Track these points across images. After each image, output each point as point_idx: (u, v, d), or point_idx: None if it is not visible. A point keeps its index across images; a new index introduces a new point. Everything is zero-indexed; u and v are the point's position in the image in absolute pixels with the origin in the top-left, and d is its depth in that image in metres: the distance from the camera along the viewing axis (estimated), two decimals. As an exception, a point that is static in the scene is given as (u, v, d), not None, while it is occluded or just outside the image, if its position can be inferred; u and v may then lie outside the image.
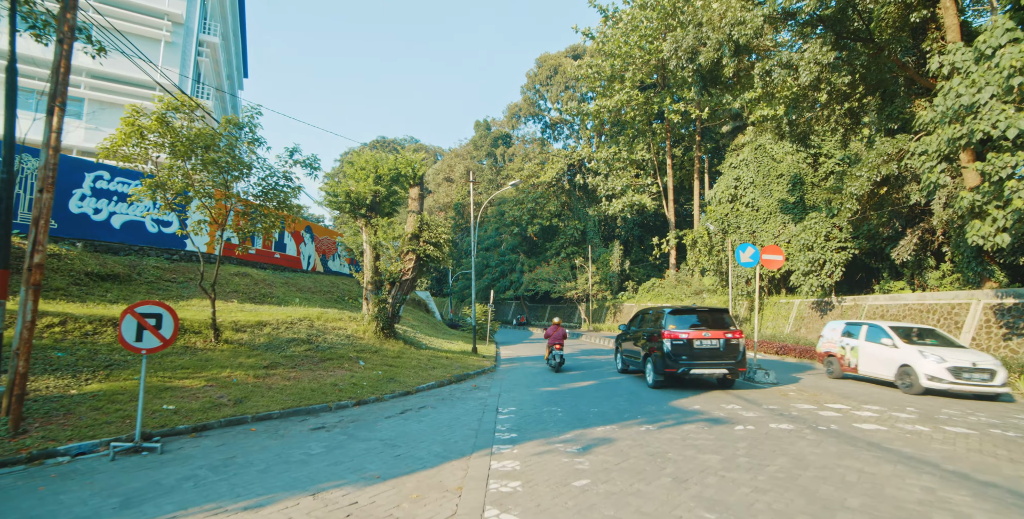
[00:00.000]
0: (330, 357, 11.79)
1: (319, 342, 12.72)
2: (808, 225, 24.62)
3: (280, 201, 11.29)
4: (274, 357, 10.89)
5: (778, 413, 8.40)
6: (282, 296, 17.47)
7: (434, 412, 8.67)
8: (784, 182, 29.57)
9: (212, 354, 10.23)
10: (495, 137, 60.81)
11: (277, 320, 13.30)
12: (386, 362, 12.56)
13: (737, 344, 10.93)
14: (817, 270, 23.30)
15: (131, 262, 14.72)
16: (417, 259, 15.22)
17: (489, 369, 14.66)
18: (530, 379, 13.04)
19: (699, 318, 11.47)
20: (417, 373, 12.10)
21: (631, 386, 11.63)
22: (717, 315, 11.53)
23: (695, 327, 11.14)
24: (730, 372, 10.82)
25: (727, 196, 32.90)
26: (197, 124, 10.17)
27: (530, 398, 10.08)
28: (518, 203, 49.29)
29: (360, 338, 14.14)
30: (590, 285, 41.35)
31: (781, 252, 12.66)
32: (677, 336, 10.93)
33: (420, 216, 15.39)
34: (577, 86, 50.46)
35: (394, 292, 15.10)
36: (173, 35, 26.70)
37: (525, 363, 17.22)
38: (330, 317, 14.82)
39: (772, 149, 31.02)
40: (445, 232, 15.36)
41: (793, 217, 28.50)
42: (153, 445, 5.67)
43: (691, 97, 38.17)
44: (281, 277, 19.63)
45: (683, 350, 10.81)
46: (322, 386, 9.63)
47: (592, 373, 14.12)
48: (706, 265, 32.20)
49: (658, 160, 44.66)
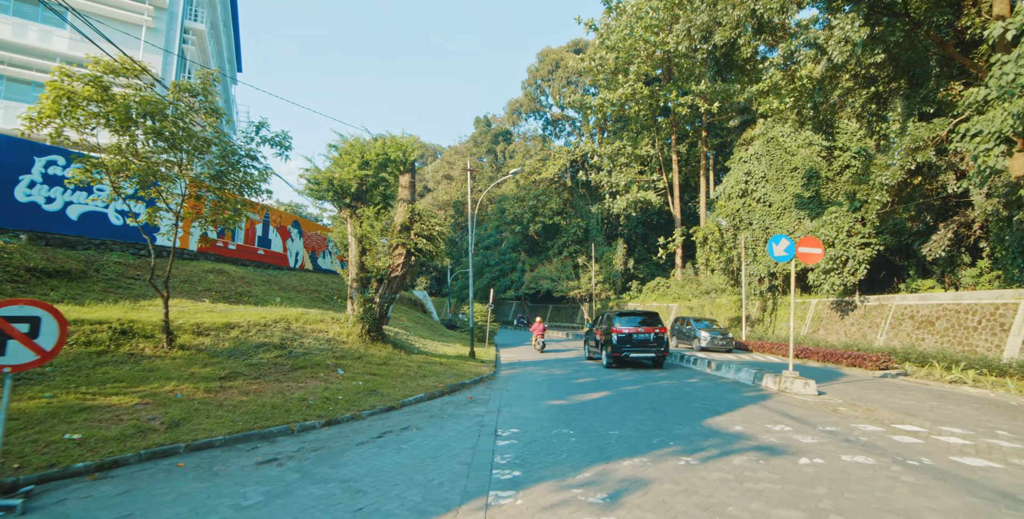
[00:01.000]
0: (304, 365, 10.17)
1: (294, 347, 11.11)
2: (828, 220, 22.99)
3: (245, 184, 9.67)
4: (236, 365, 9.27)
5: (842, 438, 6.78)
6: (261, 295, 15.86)
7: (419, 435, 7.05)
8: (799, 176, 27.93)
9: (160, 363, 8.62)
10: (495, 133, 59.16)
11: (248, 322, 11.69)
12: (369, 370, 10.94)
13: (662, 337, 15.24)
14: (838, 268, 21.68)
15: (89, 257, 13.11)
16: (408, 253, 13.62)
17: (488, 377, 13.05)
18: (534, 389, 11.42)
19: (638, 318, 15.47)
20: (404, 383, 10.48)
21: (652, 398, 10.01)
22: (651, 316, 15.63)
23: (635, 325, 15.27)
24: (657, 355, 15.33)
25: (737, 191, 31.28)
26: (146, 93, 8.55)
27: (535, 415, 8.47)
28: (519, 200, 47.68)
29: (342, 342, 12.53)
30: (593, 284, 39.73)
31: (820, 244, 11.02)
32: (622, 331, 15.05)
33: (411, 206, 13.78)
34: (580, 80, 48.90)
35: (382, 290, 13.48)
36: (156, 20, 25.13)
37: (528, 369, 15.60)
38: (310, 318, 13.21)
39: (785, 142, 29.37)
40: (439, 224, 13.74)
41: (809, 212, 26.86)
42: (12, 501, 4.02)
43: (699, 90, 36.54)
44: (263, 275, 18.03)
45: (626, 341, 14.99)
46: (287, 401, 8.01)
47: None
48: (715, 263, 30.56)
49: (663, 156, 43.03)
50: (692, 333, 22.26)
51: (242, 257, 18.72)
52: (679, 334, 24.10)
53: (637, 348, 14.92)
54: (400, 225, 13.72)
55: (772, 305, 28.21)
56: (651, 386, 11.73)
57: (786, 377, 10.79)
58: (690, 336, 22.46)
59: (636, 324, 15.23)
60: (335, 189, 13.53)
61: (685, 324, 23.88)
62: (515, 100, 57.63)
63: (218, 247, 17.47)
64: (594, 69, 39.25)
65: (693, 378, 13.33)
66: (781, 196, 28.43)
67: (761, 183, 30.18)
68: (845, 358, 17.57)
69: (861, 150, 27.69)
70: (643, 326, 15.20)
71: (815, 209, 26.89)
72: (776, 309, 28.00)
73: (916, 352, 16.64)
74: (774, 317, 27.95)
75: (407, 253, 13.63)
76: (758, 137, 32.25)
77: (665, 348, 15.18)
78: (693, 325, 22.69)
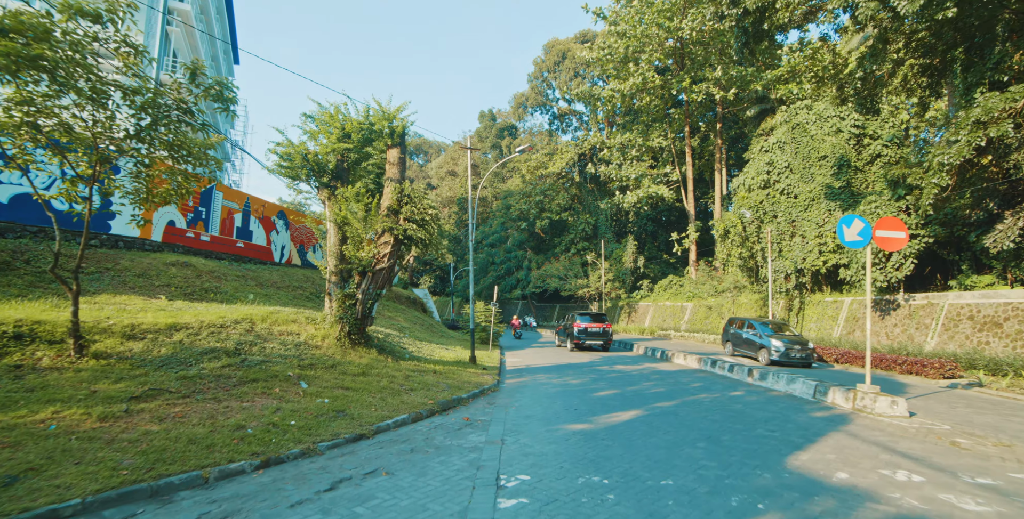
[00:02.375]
0: (257, 377, 7.98)
1: (251, 354, 8.92)
2: (867, 209, 20.60)
3: (183, 150, 7.46)
4: (163, 379, 7.09)
5: (1007, 496, 4.50)
6: (232, 292, 13.70)
7: (387, 487, 4.83)
8: (828, 164, 25.54)
9: (55, 377, 6.45)
10: (500, 128, 56.88)
11: (201, 323, 9.52)
12: (342, 382, 8.73)
13: (608, 331, 21.44)
14: (881, 263, 19.29)
15: (20, 246, 10.99)
16: (396, 241, 11.40)
17: (490, 388, 10.82)
18: (547, 405, 9.18)
19: (592, 317, 21.56)
20: (384, 400, 8.26)
21: (699, 421, 7.74)
22: (600, 315, 21.88)
23: (590, 321, 21.29)
24: (604, 342, 21.33)
25: (758, 183, 28.89)
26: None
27: (552, 449, 6.23)
28: (525, 196, 45.41)
29: (315, 347, 10.33)
30: (603, 283, 37.40)
31: (903, 227, 8.70)
32: (581, 325, 21.11)
33: (400, 186, 11.57)
34: (588, 72, 46.61)
35: (365, 285, 11.28)
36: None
37: (537, 377, 13.35)
38: (281, 318, 11.02)
39: (811, 129, 26.99)
40: (432, 207, 11.51)
41: (841, 204, 24.46)
42: None
43: (714, 77, 34.17)
44: (239, 269, 15.88)
45: (583, 333, 20.95)
46: (215, 432, 5.81)
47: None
48: (735, 259, 28.16)
49: (676, 149, 40.64)
50: (757, 340, 16.49)
51: (218, 250, 16.58)
52: (736, 341, 18.27)
53: (591, 337, 21.22)
54: (387, 208, 11.51)
55: (799, 304, 25.83)
56: (690, 402, 9.45)
57: (863, 392, 8.48)
58: (753, 344, 16.71)
59: (591, 321, 21.53)
60: (310, 166, 11.34)
61: (745, 327, 17.91)
62: (520, 94, 55.30)
63: (188, 238, 15.35)
64: (603, 58, 36.92)
65: (736, 390, 11.03)
66: (808, 186, 26.06)
67: (785, 173, 27.82)
68: (898, 364, 15.21)
69: (894, 137, 25.27)
70: (596, 322, 21.57)
71: (847, 200, 24.49)
72: (803, 308, 25.61)
73: (985, 358, 14.27)
74: (801, 317, 25.56)
75: (395, 241, 11.42)
76: (780, 125, 29.89)
77: (609, 338, 21.63)
78: (758, 329, 16.84)
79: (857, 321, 21.84)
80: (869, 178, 25.50)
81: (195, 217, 15.62)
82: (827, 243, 24.08)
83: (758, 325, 17.20)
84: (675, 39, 35.97)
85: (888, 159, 24.98)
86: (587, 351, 21.83)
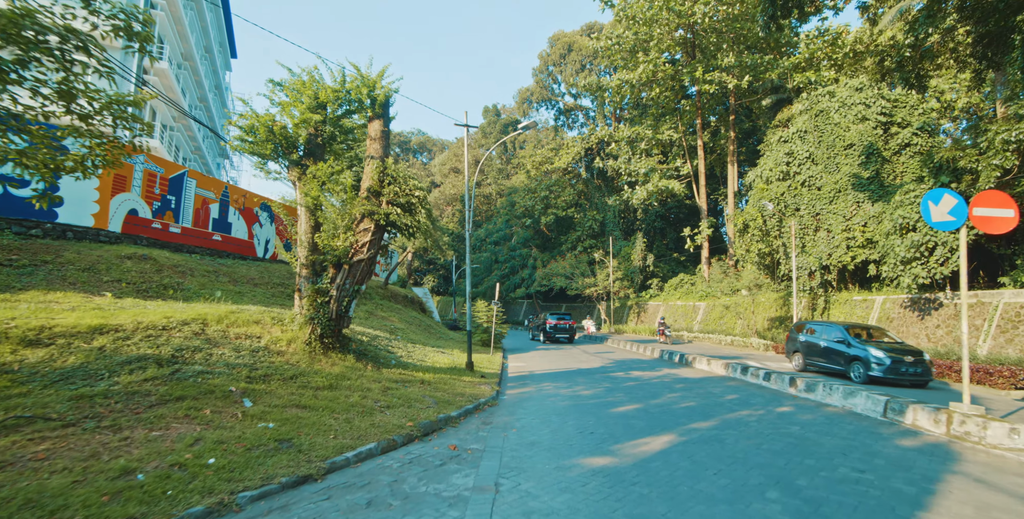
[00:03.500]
0: (185, 394, 6.18)
1: (191, 362, 7.13)
2: (906, 199, 18.59)
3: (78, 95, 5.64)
4: (47, 400, 5.31)
5: None
6: (196, 289, 11.94)
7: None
8: (855, 153, 23.55)
9: None
10: (505, 124, 55.02)
11: (139, 324, 7.75)
12: (300, 399, 6.91)
13: (572, 327, 27.17)
14: (923, 257, 17.28)
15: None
16: (377, 228, 9.59)
17: (487, 401, 8.99)
18: (556, 426, 7.34)
19: (559, 316, 27.41)
20: (350, 422, 6.45)
21: (757, 454, 5.87)
22: (567, 315, 27.69)
23: (559, 319, 27.07)
24: (569, 335, 26.81)
25: (777, 175, 26.90)
26: None
27: (565, 502, 4.38)
28: (530, 192, 43.53)
29: (277, 353, 8.53)
30: (611, 281, 35.47)
31: (1010, 202, 6.77)
32: (551, 323, 26.84)
33: (382, 164, 9.76)
34: (595, 64, 44.72)
35: (341, 279, 9.48)
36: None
37: (543, 386, 11.51)
38: (241, 319, 9.24)
39: (835, 116, 25.00)
40: (420, 187, 9.69)
41: (870, 195, 22.47)
42: None
43: (727, 64, 32.18)
44: (211, 264, 14.14)
45: (553, 328, 26.62)
46: (82, 482, 4.02)
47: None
48: (754, 256, 26.16)
49: (687, 143, 38.65)
50: (846, 350, 12.21)
51: (190, 243, 14.86)
52: (809, 352, 13.45)
53: (559, 332, 26.65)
54: (367, 190, 9.71)
55: (823, 303, 23.82)
56: (732, 422, 7.57)
57: (963, 415, 6.57)
58: (840, 356, 12.36)
59: (559, 319, 27.05)
60: (277, 140, 9.55)
61: (822, 334, 13.32)
62: (525, 89, 53.41)
63: (153, 229, 13.62)
64: (611, 48, 35.03)
65: (781, 404, 9.13)
66: (834, 177, 24.07)
67: (807, 164, 25.85)
68: (954, 371, 13.23)
69: (925, 125, 23.24)
70: (563, 320, 27.06)
71: (877, 191, 22.50)
72: (828, 308, 23.59)
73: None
74: (827, 317, 23.54)
75: (376, 228, 9.61)
76: (800, 114, 27.90)
77: (573, 333, 27.11)
78: (844, 336, 12.51)
79: (892, 322, 19.82)
80: (897, 169, 23.52)
81: (163, 206, 13.90)
82: (855, 237, 22.10)
83: (840, 330, 12.81)
84: (686, 27, 34.03)
85: (918, 148, 22.99)
86: (589, 354, 20.13)
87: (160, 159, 13.82)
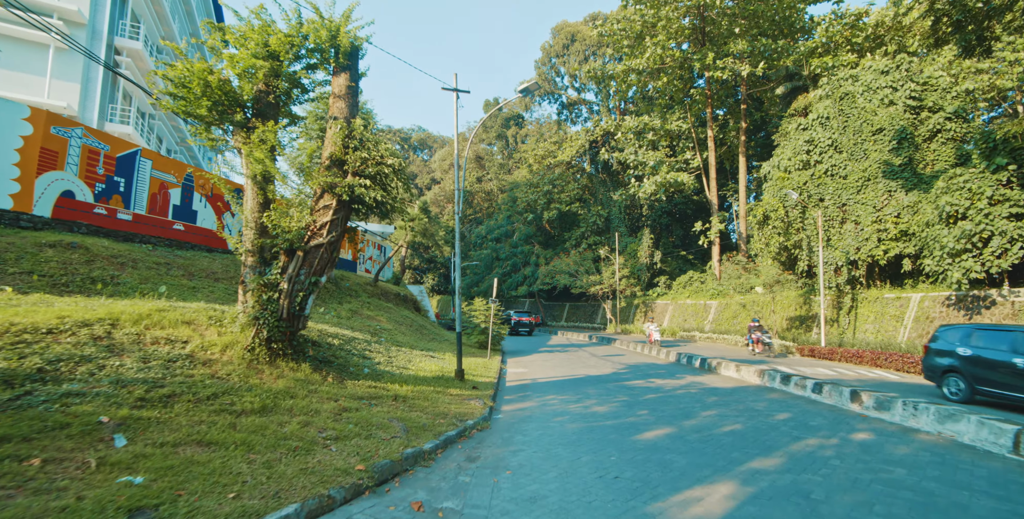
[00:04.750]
0: (12, 433, 4.15)
1: (59, 379, 5.13)
2: (952, 185, 16.46)
3: None
4: None
5: None
6: (135, 283, 9.95)
7: None
8: (885, 139, 21.42)
9: None
10: (506, 118, 52.94)
11: (10, 327, 5.76)
12: (205, 433, 4.88)
13: (534, 323, 35.95)
14: (975, 249, 15.19)
15: None
16: (340, 205, 7.57)
17: (476, 424, 6.96)
18: (566, 468, 5.30)
19: (525, 313, 35.92)
20: (269, 468, 4.42)
21: (845, 506, 3.84)
22: (531, 313, 39.19)
23: (523, 316, 34.77)
24: (530, 330, 34.62)
25: (796, 164, 24.80)
26: None
27: None
28: (532, 186, 41.45)
29: (207, 362, 6.52)
30: (617, 279, 33.38)
31: None
32: (517, 320, 33.98)
33: (349, 126, 7.76)
34: (599, 53, 42.60)
35: (294, 269, 7.47)
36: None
37: (547, 399, 9.47)
38: (169, 319, 7.24)
39: (861, 100, 22.90)
40: (394, 155, 7.68)
41: (904, 183, 20.36)
42: None
43: (739, 49, 30.08)
44: (163, 255, 12.15)
45: (518, 324, 33.88)
46: None
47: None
48: (773, 249, 24.04)
49: (696, 134, 36.54)
50: None
51: (144, 232, 12.87)
52: (985, 374, 8.74)
53: (522, 327, 33.68)
54: (329, 158, 7.69)
55: (850, 302, 21.69)
56: (805, 460, 5.51)
57: None
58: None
59: (523, 316, 34.26)
60: (215, 96, 7.54)
61: (996, 342, 8.74)
62: (527, 82, 51.28)
63: (96, 215, 11.64)
64: (617, 33, 32.96)
65: (855, 429, 7.06)
66: (861, 165, 21.97)
67: (829, 152, 23.76)
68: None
69: (959, 110, 21.15)
70: (526, 317, 34.61)
71: (910, 179, 20.39)
72: (856, 306, 21.47)
73: None
74: (854, 316, 21.43)
75: (339, 204, 7.59)
76: (820, 100, 25.82)
77: (534, 327, 35.28)
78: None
79: (932, 322, 17.70)
80: (927, 157, 21.42)
81: (108, 189, 11.92)
82: (887, 229, 19.98)
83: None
84: (695, 12, 31.92)
85: (952, 135, 20.91)
86: (597, 358, 18.39)
87: (104, 134, 11.84)
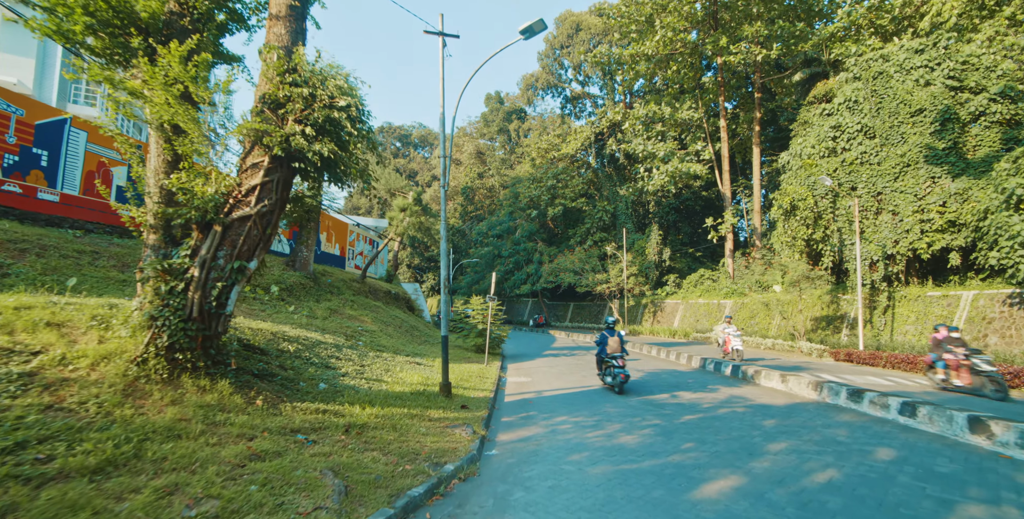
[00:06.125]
0: None
1: None
2: (1016, 167, 14.25)
3: None
4: None
5: None
6: (34, 274, 7.82)
7: None
8: (926, 121, 19.18)
9: None
10: (508, 112, 50.82)
11: None
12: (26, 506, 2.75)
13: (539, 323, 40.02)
14: (1048, 238, 12.99)
15: None
16: (275, 162, 5.44)
17: (455, 472, 4.78)
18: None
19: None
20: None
21: None
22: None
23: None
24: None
25: (821, 151, 22.60)
26: None
27: None
28: (535, 181, 39.28)
29: (62, 382, 4.37)
30: (625, 277, 31.19)
31: None
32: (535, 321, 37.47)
33: (290, 58, 5.63)
34: (605, 41, 40.42)
35: (209, 249, 5.33)
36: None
37: (556, 422, 7.28)
38: (30, 319, 5.12)
39: (894, 82, 20.68)
40: (349, 93, 5.57)
41: (950, 168, 18.13)
42: None
43: (752, 31, 27.90)
44: (95, 243, 10.02)
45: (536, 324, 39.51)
46: None
47: None
48: (800, 242, 21.80)
49: (708, 125, 34.35)
50: None
51: (77, 216, 10.74)
52: None
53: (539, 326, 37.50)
54: (261, 100, 5.55)
55: (886, 301, 19.46)
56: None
57: None
58: None
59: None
60: (99, 8, 5.42)
61: None
62: (530, 75, 49.12)
63: (6, 192, 9.52)
64: (624, 16, 30.82)
65: (1004, 478, 4.87)
66: (899, 150, 19.74)
67: (859, 138, 21.55)
68: None
69: (1005, 89, 18.96)
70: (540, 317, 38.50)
71: (957, 164, 18.16)
72: (894, 306, 19.24)
73: None
74: (890, 317, 19.20)
75: (273, 162, 5.44)
76: (848, 82, 23.60)
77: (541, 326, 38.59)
78: None
79: (989, 323, 15.47)
80: (969, 141, 19.23)
81: (24, 162, 9.80)
82: (932, 219, 17.77)
83: None
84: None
85: (997, 118, 18.74)
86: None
87: (18, 96, 9.73)
